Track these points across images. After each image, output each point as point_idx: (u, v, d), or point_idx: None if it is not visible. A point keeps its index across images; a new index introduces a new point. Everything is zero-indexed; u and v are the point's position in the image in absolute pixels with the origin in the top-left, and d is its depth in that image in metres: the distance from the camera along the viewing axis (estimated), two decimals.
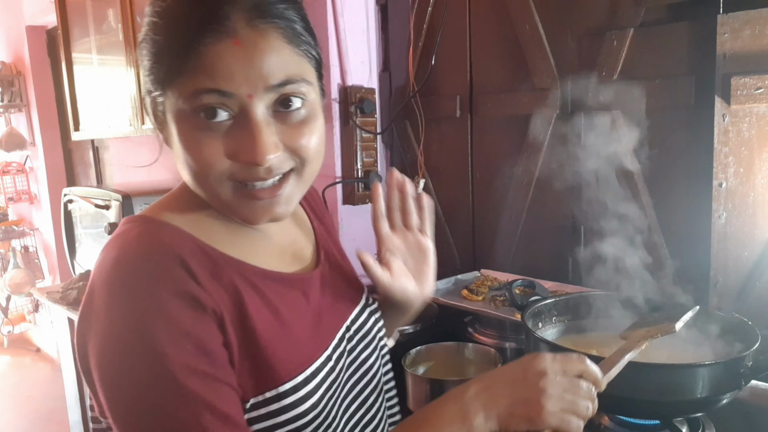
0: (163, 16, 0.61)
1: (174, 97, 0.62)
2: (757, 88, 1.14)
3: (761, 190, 1.18)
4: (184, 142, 0.63)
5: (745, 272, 1.21)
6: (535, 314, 1.14)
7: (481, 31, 1.69)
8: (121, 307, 0.59)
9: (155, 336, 0.57)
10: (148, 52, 0.62)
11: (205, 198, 0.68)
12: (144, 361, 0.57)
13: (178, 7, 0.61)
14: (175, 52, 0.60)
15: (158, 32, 0.61)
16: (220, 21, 0.59)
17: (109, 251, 0.64)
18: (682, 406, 0.90)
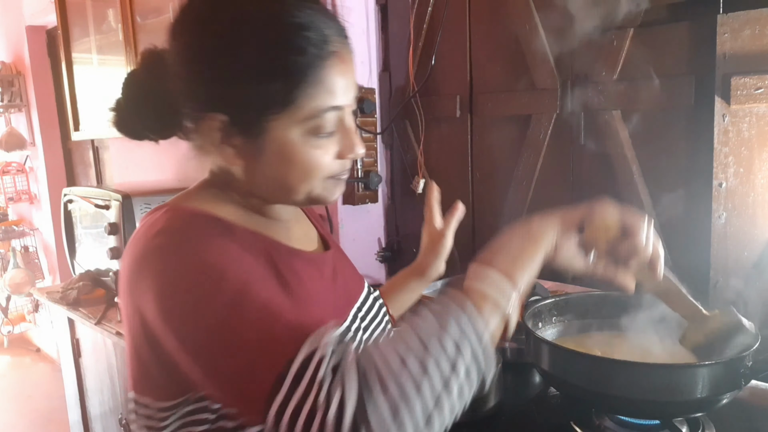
0: (291, 30, 0.64)
1: (286, 120, 0.65)
2: (757, 88, 1.14)
3: (761, 190, 1.18)
4: (294, 160, 0.68)
5: (744, 272, 1.21)
6: (535, 314, 1.14)
7: (481, 31, 1.69)
8: (183, 258, 0.62)
9: (228, 271, 0.61)
10: (258, 70, 0.63)
11: (277, 199, 0.74)
12: (224, 292, 0.60)
13: (309, 23, 0.65)
14: (301, 74, 0.64)
15: (282, 48, 0.64)
16: (328, 41, 0.66)
17: (152, 229, 0.66)
18: (682, 406, 0.90)
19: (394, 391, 0.53)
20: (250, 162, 0.69)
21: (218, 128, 0.67)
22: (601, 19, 1.40)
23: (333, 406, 0.52)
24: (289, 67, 0.64)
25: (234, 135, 0.67)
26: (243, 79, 0.64)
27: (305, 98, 0.65)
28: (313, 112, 0.66)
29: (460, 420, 1.11)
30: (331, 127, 0.69)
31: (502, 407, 1.15)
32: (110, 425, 2.27)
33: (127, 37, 2.43)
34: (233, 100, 0.65)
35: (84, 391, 2.45)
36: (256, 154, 0.68)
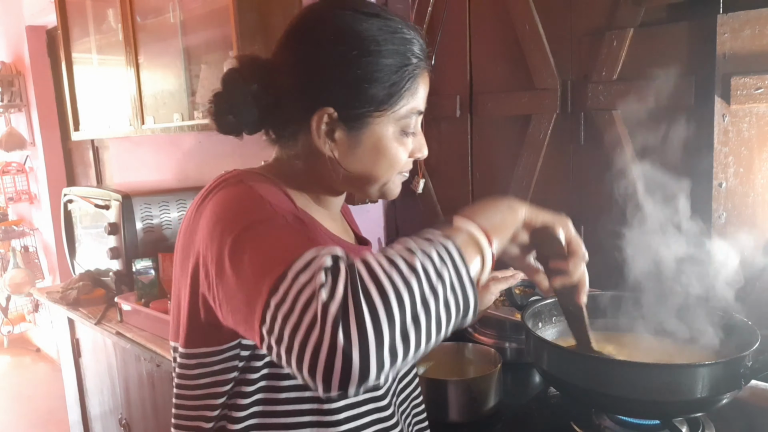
0: (391, 44, 0.77)
1: (383, 118, 0.78)
2: (757, 88, 1.14)
3: (761, 190, 1.18)
4: (384, 152, 0.80)
5: (744, 272, 1.21)
6: (535, 314, 1.14)
7: (481, 31, 1.69)
8: (239, 189, 0.75)
9: (274, 205, 0.73)
10: (369, 75, 0.76)
11: (352, 188, 0.87)
12: (265, 211, 0.72)
13: (403, 41, 0.78)
14: (402, 81, 0.77)
15: (384, 60, 0.76)
16: (424, 56, 0.80)
17: (222, 188, 0.77)
18: (682, 406, 0.90)
19: (385, 282, 0.58)
20: (345, 153, 0.80)
21: (326, 122, 0.78)
22: (601, 19, 1.40)
23: (324, 292, 0.57)
24: (396, 75, 0.77)
25: (338, 128, 0.79)
26: (354, 82, 0.76)
27: (404, 101, 0.79)
28: (406, 113, 0.80)
29: (460, 420, 1.11)
30: (413, 129, 0.82)
31: (502, 407, 1.15)
32: (110, 425, 2.28)
33: (127, 37, 2.43)
34: (344, 99, 0.77)
35: (84, 391, 2.45)
36: (354, 145, 0.80)
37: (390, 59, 0.76)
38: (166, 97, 2.28)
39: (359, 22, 0.77)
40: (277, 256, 0.63)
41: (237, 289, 0.66)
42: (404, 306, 0.57)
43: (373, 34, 0.76)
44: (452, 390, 1.12)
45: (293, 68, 0.79)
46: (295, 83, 0.79)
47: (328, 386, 0.55)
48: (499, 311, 1.35)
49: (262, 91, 0.80)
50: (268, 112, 0.81)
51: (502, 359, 1.17)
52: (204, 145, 2.68)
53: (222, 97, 0.82)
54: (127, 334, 1.94)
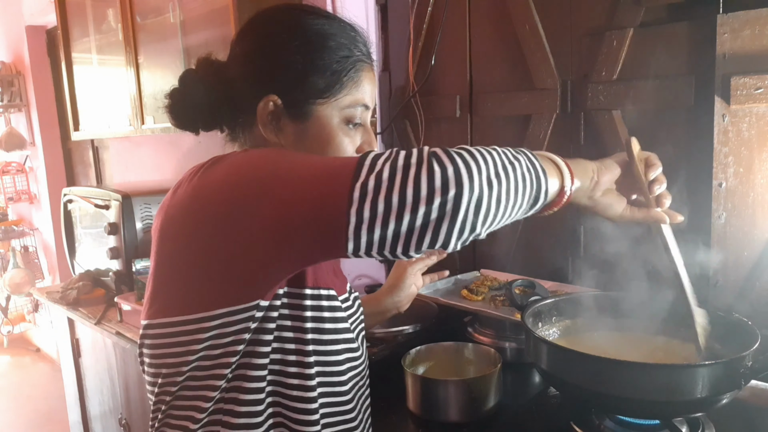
0: (334, 40, 0.83)
1: (330, 103, 0.82)
2: (756, 88, 1.14)
3: (761, 190, 1.18)
4: (329, 142, 0.83)
5: (744, 272, 1.21)
6: (535, 314, 1.14)
7: (481, 31, 1.69)
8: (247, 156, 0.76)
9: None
10: (312, 64, 0.81)
11: None
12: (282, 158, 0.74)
13: (347, 37, 0.84)
14: (344, 71, 0.82)
15: (327, 52, 0.82)
16: (366, 53, 0.86)
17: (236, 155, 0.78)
18: (682, 406, 0.90)
19: (464, 152, 0.66)
20: (291, 142, 0.83)
21: (271, 110, 0.82)
22: (601, 19, 1.40)
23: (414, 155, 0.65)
24: (338, 64, 0.82)
25: (283, 116, 0.82)
26: (296, 69, 0.81)
27: (346, 91, 0.83)
28: (350, 103, 0.83)
29: (460, 420, 1.11)
30: (359, 120, 0.85)
31: (502, 407, 1.15)
32: (110, 425, 2.28)
33: (127, 37, 2.43)
34: (287, 85, 0.81)
35: (84, 391, 2.45)
36: (299, 133, 0.83)
37: (332, 52, 0.82)
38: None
39: (304, 18, 0.83)
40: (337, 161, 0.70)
41: (309, 179, 0.68)
42: (487, 162, 0.65)
43: (316, 29, 0.82)
44: (452, 390, 1.11)
45: (240, 60, 0.85)
46: (242, 74, 0.83)
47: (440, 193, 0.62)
48: (499, 311, 1.35)
49: (213, 87, 0.84)
50: (220, 106, 0.84)
51: (502, 359, 1.17)
52: (204, 145, 2.68)
53: (177, 92, 0.86)
54: (127, 334, 1.95)
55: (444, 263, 1.49)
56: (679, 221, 0.91)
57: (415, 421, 1.16)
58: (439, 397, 1.12)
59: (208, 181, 0.76)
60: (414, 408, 1.16)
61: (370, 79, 0.86)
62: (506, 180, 0.67)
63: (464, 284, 1.55)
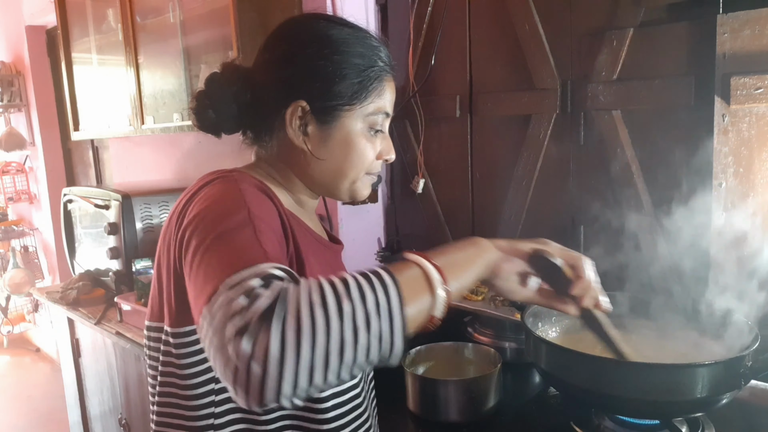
0: (360, 49, 0.85)
1: (352, 113, 0.85)
2: (756, 88, 1.14)
3: (761, 190, 1.18)
4: (353, 147, 0.87)
5: (744, 272, 1.21)
6: (534, 314, 1.14)
7: (481, 31, 1.69)
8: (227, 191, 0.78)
9: (250, 209, 0.74)
10: (340, 72, 0.83)
11: (325, 186, 0.90)
12: (236, 210, 0.74)
13: (372, 47, 0.87)
14: (369, 80, 0.85)
15: (354, 60, 0.84)
16: (390, 64, 0.89)
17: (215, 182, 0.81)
18: (682, 406, 0.90)
19: (304, 316, 0.57)
20: (317, 146, 0.86)
21: (299, 115, 0.84)
22: (601, 19, 1.40)
23: (255, 303, 0.58)
24: (364, 73, 0.85)
25: (310, 122, 0.85)
26: (324, 76, 0.83)
27: (370, 99, 0.86)
28: (374, 110, 0.86)
29: (460, 420, 1.11)
30: (380, 128, 0.88)
31: (502, 407, 1.15)
32: (110, 425, 2.28)
33: (127, 37, 2.43)
34: (315, 91, 0.84)
35: (84, 391, 2.45)
36: (325, 138, 0.86)
37: (358, 59, 0.85)
38: (165, 97, 2.28)
39: (331, 28, 0.86)
40: (225, 265, 0.65)
41: (190, 287, 0.70)
42: (316, 344, 0.56)
43: (343, 38, 0.85)
44: (452, 390, 1.12)
45: (269, 67, 0.87)
46: (271, 80, 0.86)
47: (241, 396, 0.57)
48: (499, 311, 1.35)
49: (241, 91, 0.86)
50: (246, 110, 0.87)
51: (502, 359, 1.17)
52: (204, 145, 2.68)
53: (204, 95, 0.88)
54: (127, 334, 1.94)
55: None
56: (604, 310, 0.84)
57: (415, 421, 1.16)
58: (439, 397, 1.12)
59: (187, 208, 0.79)
60: (414, 408, 1.16)
61: (392, 89, 0.89)
62: (336, 362, 0.57)
63: None
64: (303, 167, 0.89)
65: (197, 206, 0.77)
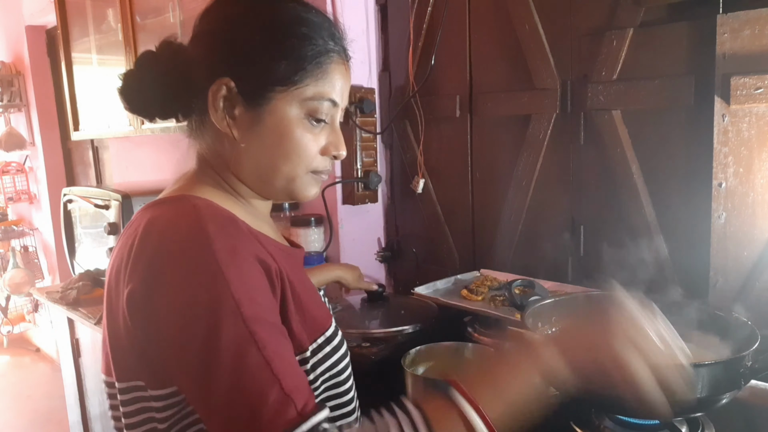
0: (304, 26, 0.75)
1: (286, 95, 0.74)
2: (756, 88, 1.14)
3: (761, 190, 1.18)
4: (287, 136, 0.76)
5: (744, 272, 1.21)
6: (534, 314, 1.14)
7: (481, 31, 1.69)
8: (200, 266, 0.65)
9: (232, 289, 0.64)
10: (274, 48, 0.73)
11: (259, 183, 0.79)
12: (221, 311, 0.64)
13: (319, 26, 0.76)
14: (310, 59, 0.74)
15: (294, 37, 0.74)
16: (335, 43, 0.77)
17: (166, 228, 0.69)
18: (682, 406, 0.90)
19: None
20: (245, 133, 0.76)
21: (224, 95, 0.74)
22: (601, 19, 1.40)
23: None
24: (298, 50, 0.74)
25: (238, 103, 0.75)
26: (256, 53, 0.74)
27: (309, 81, 0.75)
28: (314, 95, 0.75)
29: None
30: (324, 117, 0.77)
31: None
32: (110, 425, 2.27)
33: (127, 37, 2.43)
34: (244, 69, 0.74)
35: (84, 391, 2.45)
36: (254, 124, 0.75)
37: (299, 38, 0.74)
38: None
39: (272, 2, 0.77)
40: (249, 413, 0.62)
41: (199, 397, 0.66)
42: None
43: (286, 12, 0.76)
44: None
45: (199, 40, 0.78)
46: (199, 55, 0.76)
47: None
48: (499, 311, 1.35)
49: (170, 68, 0.76)
50: (176, 91, 0.77)
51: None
52: None
53: (132, 75, 0.78)
54: None
55: (444, 263, 1.50)
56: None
57: None
58: None
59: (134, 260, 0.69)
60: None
61: (342, 74, 0.79)
62: None
63: (464, 284, 1.55)
64: (234, 160, 0.78)
65: (163, 296, 0.65)
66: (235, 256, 0.67)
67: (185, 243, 0.67)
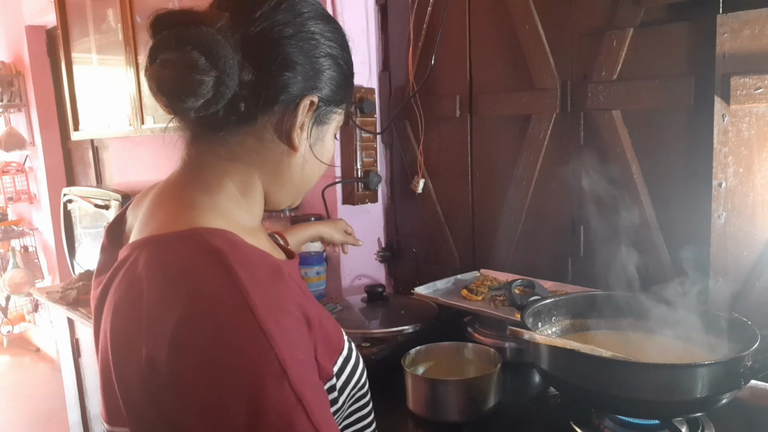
0: (347, 46, 0.78)
1: (339, 115, 0.79)
2: (756, 88, 1.14)
3: (761, 190, 1.18)
4: (331, 152, 0.80)
5: (744, 272, 1.21)
6: (534, 314, 1.14)
7: (481, 31, 1.69)
8: (237, 328, 0.57)
9: (276, 350, 0.57)
10: (348, 69, 0.77)
11: (286, 195, 0.79)
12: (266, 376, 0.57)
13: (348, 49, 0.78)
14: (351, 81, 0.79)
15: (347, 58, 0.77)
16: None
17: (186, 276, 0.61)
18: (682, 406, 0.90)
19: None
20: (307, 148, 0.75)
21: (308, 110, 0.73)
22: (601, 19, 1.40)
23: None
24: (350, 72, 0.78)
25: (309, 119, 0.74)
26: (338, 71, 0.75)
27: (348, 102, 0.80)
28: (344, 114, 0.80)
29: (460, 420, 1.11)
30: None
31: (502, 407, 1.15)
32: None
33: (127, 37, 2.43)
34: (323, 87, 0.74)
35: (84, 391, 2.45)
36: (317, 140, 0.77)
37: (347, 61, 0.77)
38: None
39: (334, 21, 0.77)
40: None
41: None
42: None
43: (342, 31, 0.77)
44: (452, 390, 1.12)
45: (286, 46, 0.69)
46: (287, 63, 0.69)
47: None
48: (499, 311, 1.35)
49: (244, 63, 0.66)
50: (243, 89, 0.67)
51: (502, 359, 1.17)
52: None
53: (204, 58, 0.62)
54: None
55: (444, 263, 1.50)
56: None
57: (415, 421, 1.16)
58: (439, 397, 1.12)
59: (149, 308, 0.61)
60: (414, 408, 1.16)
61: None
62: None
63: (464, 284, 1.55)
64: (280, 172, 0.74)
65: (195, 367, 0.57)
66: (274, 308, 0.60)
67: (216, 302, 0.58)
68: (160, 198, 0.74)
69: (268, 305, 0.59)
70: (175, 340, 0.58)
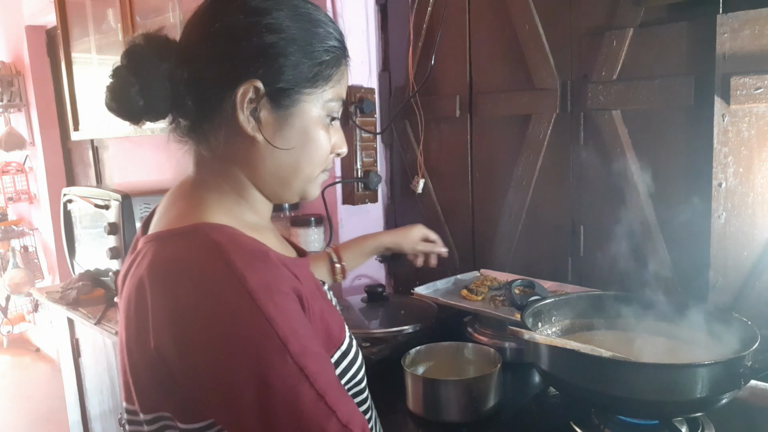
0: (323, 27, 0.76)
1: (312, 97, 0.76)
2: (756, 88, 1.14)
3: (761, 190, 1.18)
4: (312, 137, 0.77)
5: (744, 272, 1.21)
6: (534, 314, 1.14)
7: (481, 31, 1.69)
8: (238, 311, 0.63)
9: (275, 328, 0.63)
10: (303, 50, 0.74)
11: (277, 186, 0.79)
12: (269, 352, 0.62)
13: (332, 27, 0.77)
14: (331, 62, 0.76)
15: (318, 39, 0.75)
16: (346, 51, 0.80)
17: (188, 267, 0.66)
18: (682, 406, 0.90)
19: None
20: (270, 134, 0.74)
21: (251, 97, 0.72)
22: (601, 19, 1.40)
23: None
24: (326, 53, 0.76)
25: (263, 106, 0.73)
26: (288, 54, 0.73)
27: (331, 84, 0.77)
28: (333, 96, 0.78)
29: (460, 420, 1.11)
30: (336, 115, 0.80)
31: (502, 407, 1.15)
32: (110, 425, 2.27)
33: (127, 37, 2.43)
34: (272, 71, 0.72)
35: (84, 391, 2.45)
36: (280, 126, 0.75)
37: (321, 39, 0.75)
38: None
39: (294, 2, 0.75)
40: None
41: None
42: None
43: (309, 12, 0.75)
44: (452, 390, 1.11)
45: (213, 38, 0.72)
46: (216, 54, 0.72)
47: None
48: (499, 311, 1.35)
49: (175, 67, 0.71)
50: (182, 92, 0.72)
51: (502, 359, 1.17)
52: None
53: (127, 70, 0.70)
54: None
55: (444, 263, 1.50)
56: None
57: (415, 421, 1.16)
58: (439, 397, 1.12)
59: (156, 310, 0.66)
60: (414, 408, 1.16)
61: (347, 75, 0.82)
62: None
63: (464, 284, 1.55)
64: (254, 165, 0.76)
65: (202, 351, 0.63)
66: (270, 290, 0.65)
67: (217, 290, 0.63)
68: (174, 196, 0.80)
69: (266, 288, 0.64)
70: (182, 330, 0.63)
